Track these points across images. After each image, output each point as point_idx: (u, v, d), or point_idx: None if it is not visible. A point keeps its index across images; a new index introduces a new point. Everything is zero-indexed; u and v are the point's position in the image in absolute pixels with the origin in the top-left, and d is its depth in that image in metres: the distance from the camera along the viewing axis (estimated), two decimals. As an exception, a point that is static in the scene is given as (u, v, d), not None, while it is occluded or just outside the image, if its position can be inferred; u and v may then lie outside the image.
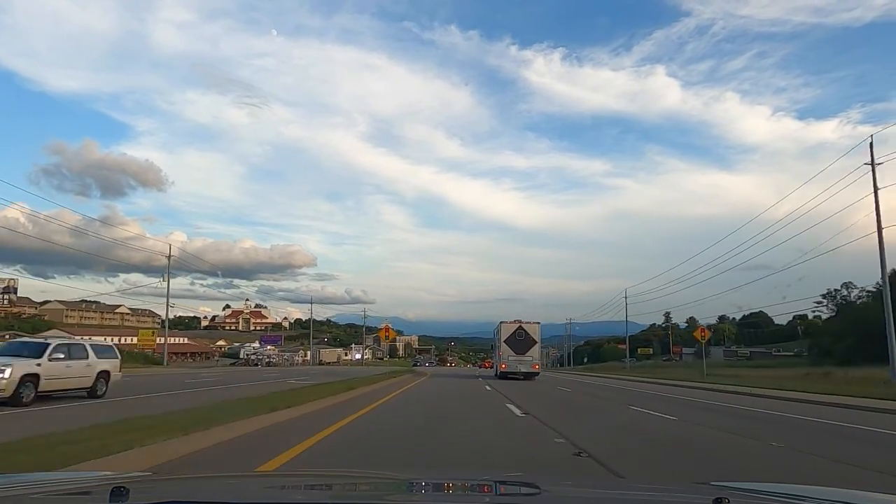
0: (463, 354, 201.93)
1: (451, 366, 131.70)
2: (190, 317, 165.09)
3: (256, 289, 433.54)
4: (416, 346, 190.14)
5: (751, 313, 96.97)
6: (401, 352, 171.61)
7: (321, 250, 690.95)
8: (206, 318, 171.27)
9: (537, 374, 37.90)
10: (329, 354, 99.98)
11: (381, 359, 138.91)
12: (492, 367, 52.82)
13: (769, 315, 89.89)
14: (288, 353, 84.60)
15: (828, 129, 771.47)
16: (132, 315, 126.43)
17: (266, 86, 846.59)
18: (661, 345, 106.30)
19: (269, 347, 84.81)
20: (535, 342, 37.68)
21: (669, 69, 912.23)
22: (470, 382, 31.43)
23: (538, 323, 38.53)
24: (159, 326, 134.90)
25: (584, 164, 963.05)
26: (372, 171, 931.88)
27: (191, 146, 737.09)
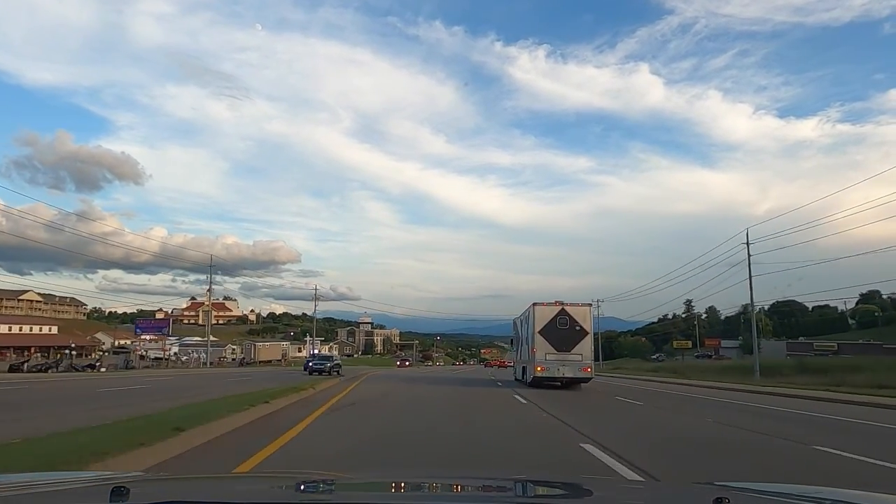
0: (449, 350, 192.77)
1: (439, 365, 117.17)
2: (139, 311, 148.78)
3: (240, 285, 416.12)
4: (396, 340, 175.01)
5: (782, 301, 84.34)
6: (379, 347, 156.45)
7: (306, 247, 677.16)
8: (161, 310, 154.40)
9: (589, 379, 23.54)
10: (270, 350, 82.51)
11: (351, 355, 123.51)
12: (509, 368, 43.40)
13: (801, 303, 77.42)
14: (195, 349, 68.37)
15: (808, 128, 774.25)
16: (46, 304, 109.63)
17: (249, 80, 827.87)
18: (681, 337, 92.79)
19: (145, 338, 64.35)
20: (586, 333, 23.43)
21: (653, 67, 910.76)
22: (499, 398, 16.89)
23: (588, 305, 24.17)
24: (84, 318, 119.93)
25: (569, 161, 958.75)
26: (357, 168, 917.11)
27: (172, 141, 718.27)
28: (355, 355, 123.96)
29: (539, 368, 22.83)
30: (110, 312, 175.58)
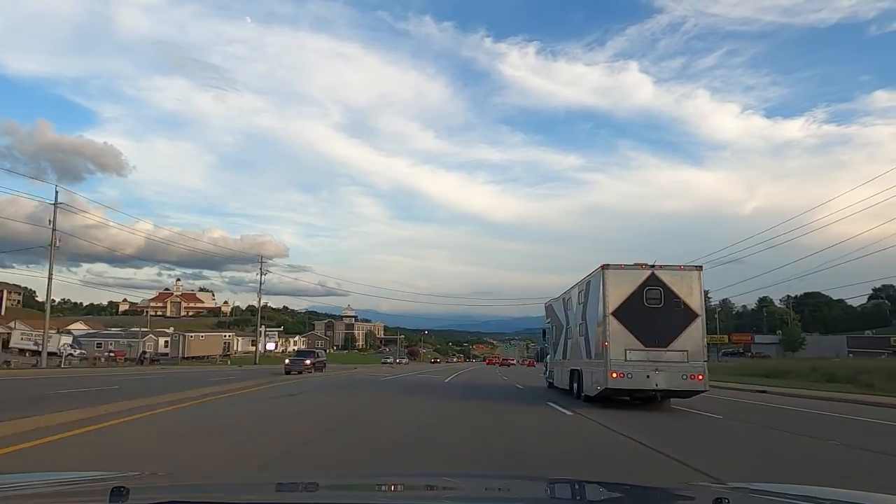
0: (438, 346, 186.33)
1: (436, 362, 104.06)
2: (107, 303, 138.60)
3: (227, 280, 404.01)
4: (380, 334, 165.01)
5: (805, 294, 76.50)
6: (361, 342, 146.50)
7: (294, 242, 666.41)
8: (125, 300, 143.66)
9: (701, 391, 14.40)
10: (207, 343, 68.39)
11: (324, 351, 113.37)
12: (513, 366, 35.55)
13: (827, 296, 69.56)
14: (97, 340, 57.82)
15: (794, 128, 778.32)
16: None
17: (237, 73, 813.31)
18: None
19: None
20: (694, 316, 14.40)
21: (642, 65, 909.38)
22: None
23: (697, 269, 14.92)
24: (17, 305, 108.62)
25: (558, 159, 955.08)
26: (346, 163, 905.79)
27: (159, 134, 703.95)
28: (331, 350, 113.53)
29: (615, 374, 13.82)
30: (75, 304, 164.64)
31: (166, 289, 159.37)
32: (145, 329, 67.29)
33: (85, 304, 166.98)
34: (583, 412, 13.19)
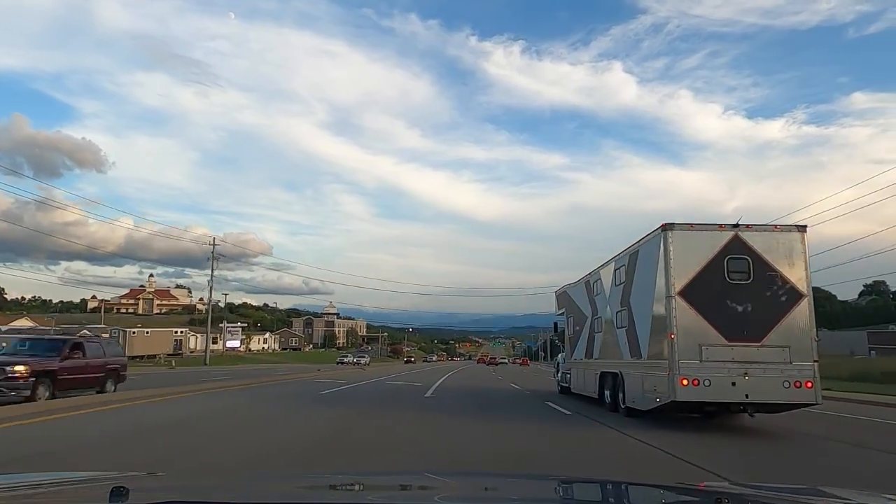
0: (423, 344, 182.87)
1: (410, 361, 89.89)
2: (82, 300, 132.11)
3: (208, 278, 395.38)
4: (362, 332, 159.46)
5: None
6: (342, 340, 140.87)
7: (278, 240, 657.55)
8: (94, 298, 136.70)
9: (811, 404, 9.82)
10: (154, 340, 61.43)
11: (298, 349, 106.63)
12: (500, 364, 33.39)
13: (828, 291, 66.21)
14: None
15: (775, 129, 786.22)
16: None
17: (220, 69, 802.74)
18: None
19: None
20: (799, 296, 9.92)
21: (626, 65, 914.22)
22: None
23: (800, 229, 10.48)
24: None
25: (543, 158, 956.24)
26: (331, 161, 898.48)
27: (140, 130, 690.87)
28: (298, 349, 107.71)
29: (686, 381, 9.50)
30: (45, 301, 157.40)
31: (141, 285, 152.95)
32: (100, 326, 61.14)
33: (56, 302, 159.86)
34: (640, 434, 8.84)
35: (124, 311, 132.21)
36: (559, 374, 19.29)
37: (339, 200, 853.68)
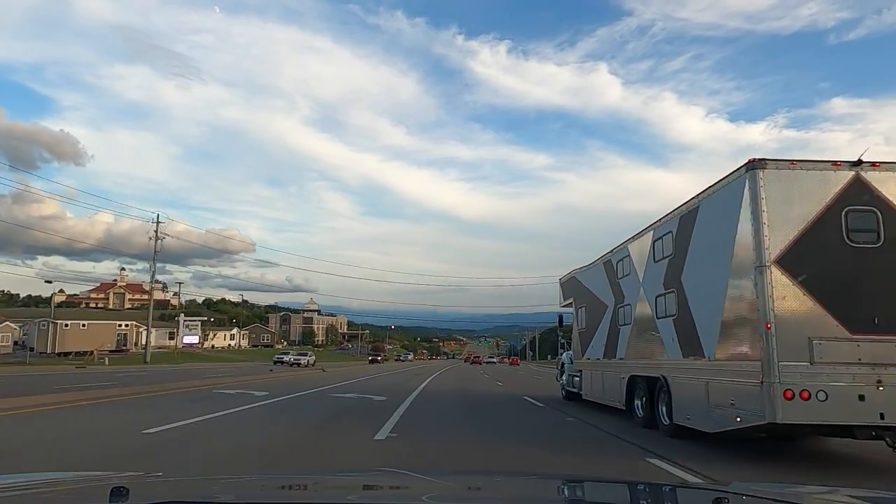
0: (406, 342, 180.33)
1: (376, 360, 70.37)
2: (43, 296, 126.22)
3: (191, 275, 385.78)
4: (343, 329, 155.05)
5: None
6: (321, 337, 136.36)
7: (262, 236, 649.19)
8: (61, 291, 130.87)
9: None
10: (93, 335, 54.28)
11: (270, 346, 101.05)
12: (485, 363, 33.25)
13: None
14: None
15: (756, 132, 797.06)
16: None
17: (203, 63, 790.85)
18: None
19: None
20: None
21: (611, 67, 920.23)
22: None
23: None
24: None
25: (528, 157, 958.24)
26: (315, 157, 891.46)
27: (121, 124, 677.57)
28: (278, 346, 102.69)
29: (790, 394, 6.23)
30: (12, 295, 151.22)
31: (114, 280, 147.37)
32: (41, 318, 55.95)
33: (23, 297, 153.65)
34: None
35: (94, 305, 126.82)
36: (564, 377, 16.06)
37: (324, 197, 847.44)
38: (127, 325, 64.40)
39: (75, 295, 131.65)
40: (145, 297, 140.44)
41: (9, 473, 3.31)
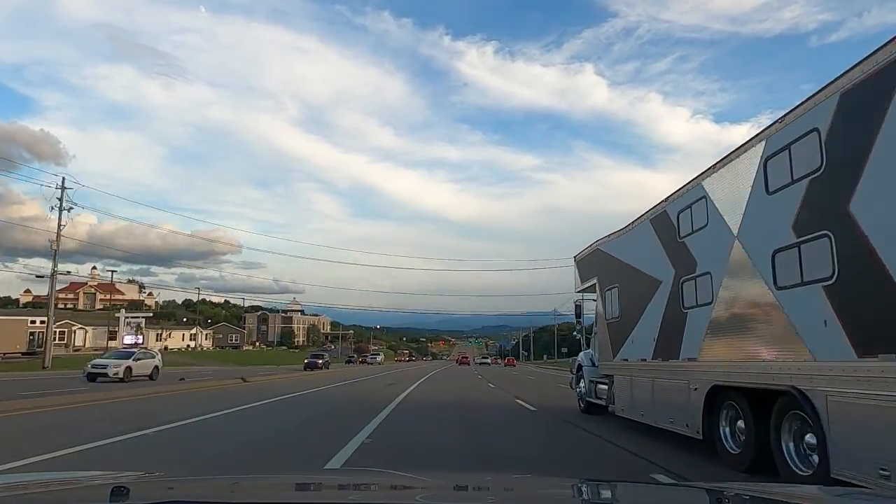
0: (392, 343, 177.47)
1: (317, 363, 45.23)
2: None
3: (176, 276, 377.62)
4: (325, 329, 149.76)
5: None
6: (301, 338, 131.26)
7: (249, 238, 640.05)
8: (27, 292, 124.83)
9: None
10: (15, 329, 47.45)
11: (236, 347, 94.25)
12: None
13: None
14: None
15: (740, 133, 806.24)
16: None
17: (189, 63, 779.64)
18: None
19: None
20: None
21: (597, 68, 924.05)
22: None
23: None
24: None
25: (516, 158, 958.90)
26: (302, 158, 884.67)
27: (105, 124, 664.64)
28: (250, 347, 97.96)
29: None
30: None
31: (93, 279, 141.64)
32: None
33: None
34: None
35: (62, 306, 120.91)
36: (583, 384, 12.05)
37: (312, 199, 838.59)
38: (42, 323, 50.53)
39: (41, 296, 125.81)
40: (118, 297, 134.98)
41: (9, 473, 3.36)
